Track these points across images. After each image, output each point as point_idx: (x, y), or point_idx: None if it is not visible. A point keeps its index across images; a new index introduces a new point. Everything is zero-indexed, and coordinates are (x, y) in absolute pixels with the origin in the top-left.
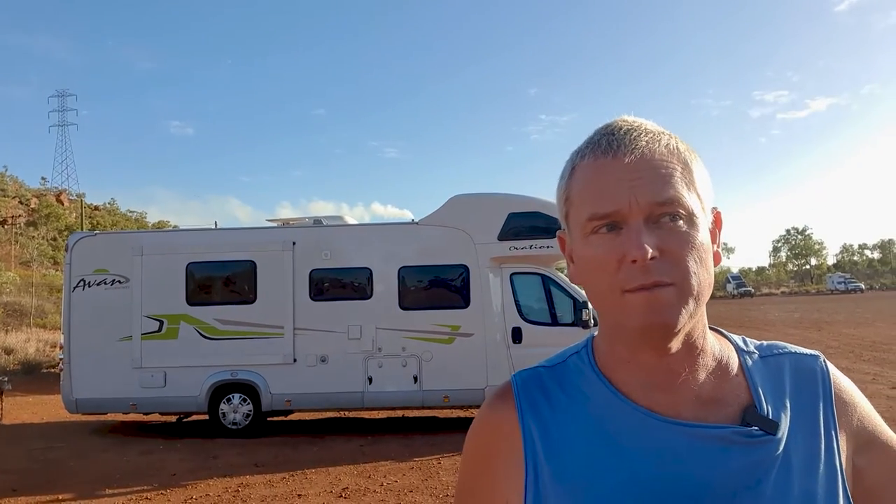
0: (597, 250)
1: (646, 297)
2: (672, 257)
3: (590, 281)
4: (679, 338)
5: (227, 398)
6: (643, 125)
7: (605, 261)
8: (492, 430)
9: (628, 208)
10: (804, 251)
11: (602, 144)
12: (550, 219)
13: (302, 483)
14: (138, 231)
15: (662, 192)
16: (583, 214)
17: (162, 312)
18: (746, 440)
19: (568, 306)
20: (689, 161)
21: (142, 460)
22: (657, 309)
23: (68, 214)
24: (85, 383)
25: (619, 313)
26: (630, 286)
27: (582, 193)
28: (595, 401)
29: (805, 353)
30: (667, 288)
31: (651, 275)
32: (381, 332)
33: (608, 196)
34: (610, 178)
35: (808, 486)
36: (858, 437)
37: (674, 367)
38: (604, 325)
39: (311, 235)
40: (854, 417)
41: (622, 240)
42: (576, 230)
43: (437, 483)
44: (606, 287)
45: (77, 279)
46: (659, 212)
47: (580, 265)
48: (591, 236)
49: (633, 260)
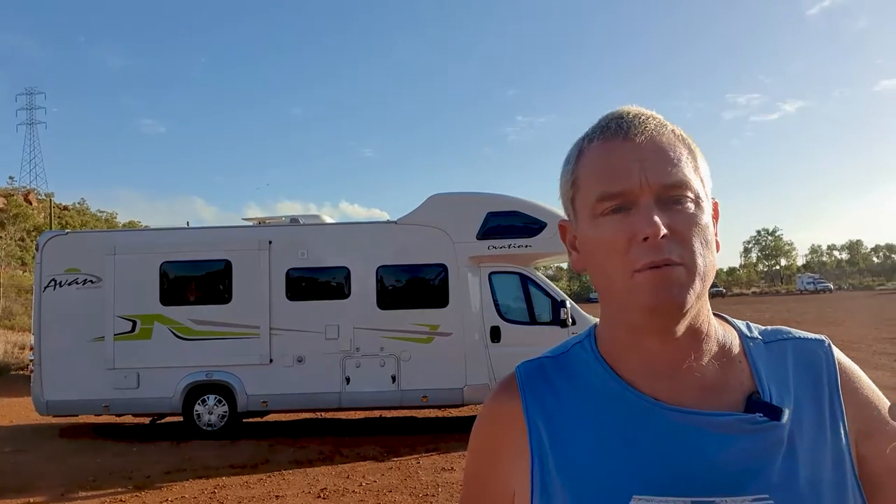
0: (606, 231)
1: (656, 275)
2: (681, 237)
3: (597, 263)
4: (685, 321)
5: (202, 399)
6: (649, 112)
7: (615, 240)
8: (497, 421)
9: (640, 187)
10: (774, 252)
11: (612, 127)
12: (529, 218)
13: (279, 484)
14: (111, 230)
15: (673, 173)
16: (592, 195)
17: (135, 312)
18: (751, 427)
19: (546, 305)
20: (693, 149)
21: (115, 462)
22: (667, 287)
23: (37, 214)
24: (56, 385)
25: (627, 294)
26: (640, 264)
27: (591, 174)
28: (599, 389)
29: (810, 338)
30: (676, 267)
31: (662, 252)
32: (358, 332)
33: (619, 175)
34: (621, 158)
35: (814, 473)
36: (863, 423)
37: (678, 354)
38: (609, 310)
39: (287, 234)
40: (860, 403)
41: (633, 219)
42: (583, 213)
43: (417, 482)
44: (615, 267)
45: (48, 279)
46: (668, 193)
47: (586, 248)
48: (599, 218)
49: (644, 238)
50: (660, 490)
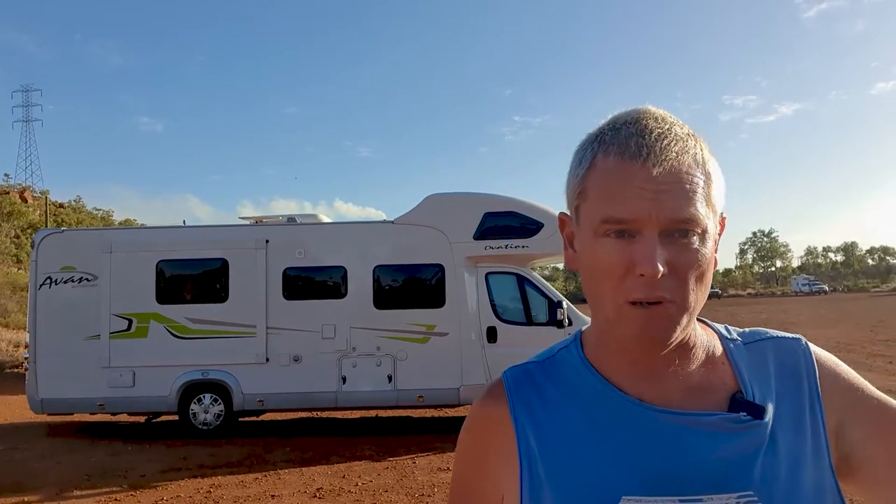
0: (605, 254)
1: (646, 313)
2: (678, 275)
3: (591, 281)
4: (671, 346)
5: (198, 398)
6: (673, 128)
7: (613, 266)
8: (485, 427)
9: (647, 219)
10: (770, 253)
11: (631, 147)
12: (526, 219)
13: (275, 483)
14: (107, 228)
15: (684, 209)
16: (597, 214)
17: (131, 311)
18: (734, 426)
19: (543, 306)
20: (711, 171)
21: (110, 461)
22: (654, 325)
23: (32, 212)
24: (51, 383)
25: (615, 321)
26: (633, 298)
27: (601, 192)
28: (585, 392)
29: (787, 337)
30: (668, 304)
31: (655, 290)
32: (355, 332)
33: (630, 203)
34: (634, 186)
35: (796, 469)
36: (845, 409)
37: (664, 361)
38: (597, 322)
39: (284, 234)
40: (839, 391)
41: (634, 249)
42: (585, 225)
43: (413, 482)
44: (608, 292)
45: (43, 277)
46: (675, 227)
47: (584, 261)
48: (601, 238)
49: (641, 273)
50: (648, 490)
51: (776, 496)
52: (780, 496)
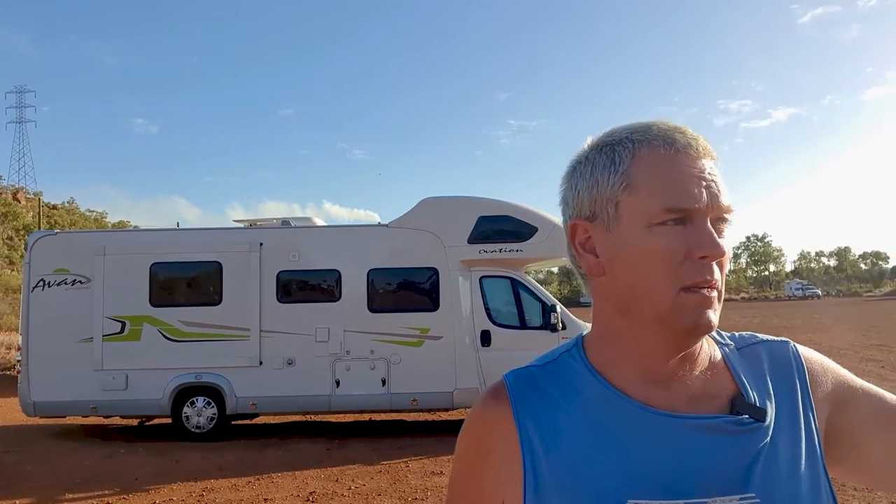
0: (663, 242)
1: (703, 297)
2: (720, 263)
3: (641, 273)
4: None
5: (191, 401)
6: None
7: (672, 252)
8: (486, 428)
9: (706, 207)
10: (763, 258)
11: (678, 139)
12: (520, 223)
13: (268, 487)
14: (100, 230)
15: (728, 199)
16: (655, 203)
17: (124, 313)
18: (738, 428)
19: (537, 310)
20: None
21: (103, 464)
22: (707, 311)
23: (25, 213)
24: (43, 386)
25: (669, 310)
26: (691, 281)
27: (657, 182)
28: (589, 396)
29: (776, 340)
30: (714, 291)
31: (714, 274)
32: (349, 335)
33: (690, 190)
34: (692, 174)
35: (794, 469)
36: (835, 401)
37: (675, 366)
38: (625, 322)
39: (278, 236)
40: (827, 385)
41: (694, 235)
42: (634, 218)
43: (406, 486)
44: (662, 281)
45: (36, 279)
46: (720, 216)
47: (630, 257)
48: (656, 227)
49: (702, 256)
50: (654, 493)
51: (777, 497)
52: (780, 497)
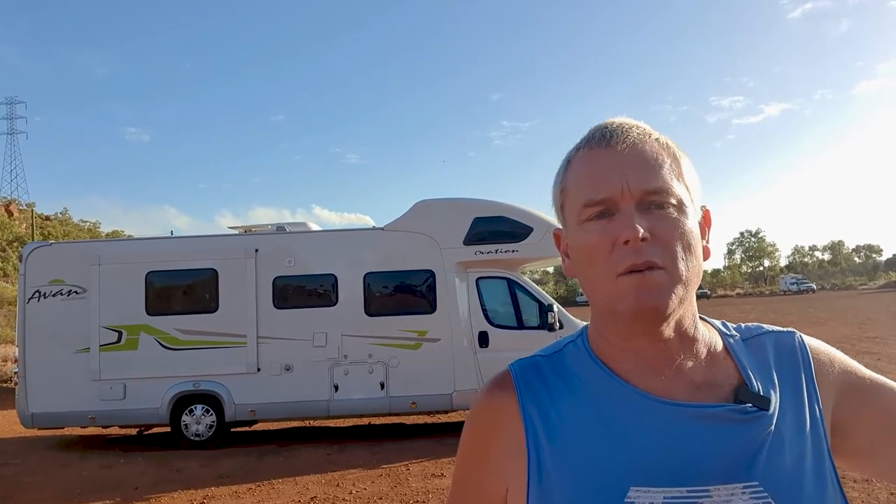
0: (590, 236)
1: (637, 279)
2: (662, 242)
3: (584, 268)
4: (670, 324)
5: (190, 409)
6: (634, 122)
7: (599, 245)
8: (491, 417)
9: (620, 194)
10: (758, 253)
11: (596, 137)
12: (516, 223)
13: (269, 493)
14: (95, 240)
15: (653, 180)
16: (578, 202)
17: (121, 323)
18: (742, 417)
19: (534, 310)
20: (678, 156)
21: (102, 475)
22: (648, 292)
23: (18, 225)
24: (41, 397)
25: (611, 298)
26: (622, 267)
27: (577, 182)
28: (593, 386)
29: (782, 331)
30: (657, 271)
31: (642, 255)
32: (346, 339)
33: (602, 182)
34: (604, 166)
35: (798, 458)
36: (841, 392)
37: (667, 355)
38: (596, 314)
39: (274, 242)
40: (833, 375)
41: (615, 224)
42: (571, 219)
43: (407, 489)
44: (600, 271)
45: (32, 290)
46: (649, 199)
47: (574, 254)
48: (585, 223)
49: (625, 241)
50: (657, 481)
51: (781, 486)
52: (784, 485)
